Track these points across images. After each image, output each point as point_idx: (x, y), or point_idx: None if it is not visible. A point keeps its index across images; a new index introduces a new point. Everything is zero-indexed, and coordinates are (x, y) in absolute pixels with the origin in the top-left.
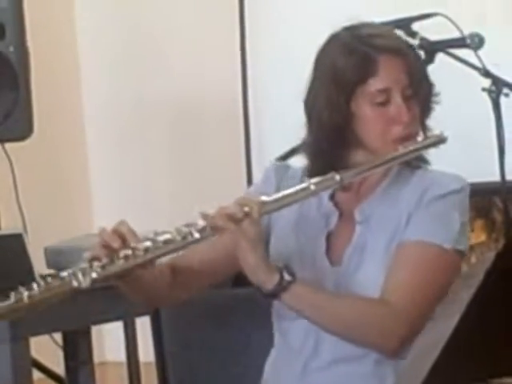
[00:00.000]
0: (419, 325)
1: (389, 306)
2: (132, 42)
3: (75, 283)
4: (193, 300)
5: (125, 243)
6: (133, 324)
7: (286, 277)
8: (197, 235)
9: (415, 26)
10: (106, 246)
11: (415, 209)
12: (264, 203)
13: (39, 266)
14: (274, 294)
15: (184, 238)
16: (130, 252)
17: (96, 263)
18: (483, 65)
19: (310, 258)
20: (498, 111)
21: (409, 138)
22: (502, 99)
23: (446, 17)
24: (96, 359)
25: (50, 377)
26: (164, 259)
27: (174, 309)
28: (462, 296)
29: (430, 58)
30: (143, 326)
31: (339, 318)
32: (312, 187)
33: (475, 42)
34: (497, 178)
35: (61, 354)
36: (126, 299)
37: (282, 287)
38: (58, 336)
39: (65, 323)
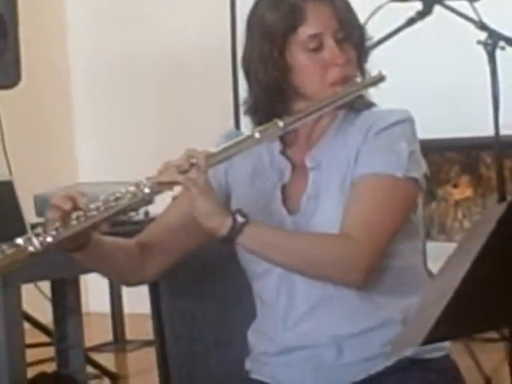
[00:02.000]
0: (381, 254)
1: (350, 239)
2: None
3: (31, 248)
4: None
5: (76, 206)
6: None
7: (239, 219)
8: (147, 190)
9: None
10: (58, 209)
11: (362, 144)
12: (211, 154)
13: (26, 214)
14: (230, 238)
15: (134, 195)
16: (81, 213)
17: (50, 227)
18: (479, 17)
19: (268, 212)
20: (493, 64)
21: (346, 79)
22: (498, 52)
23: None
24: None
25: (37, 327)
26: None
27: None
28: (473, 245)
29: (428, 10)
30: None
31: (300, 255)
32: (257, 135)
33: None
34: (487, 132)
35: (47, 305)
36: None
37: (236, 230)
38: (45, 288)
39: (54, 272)
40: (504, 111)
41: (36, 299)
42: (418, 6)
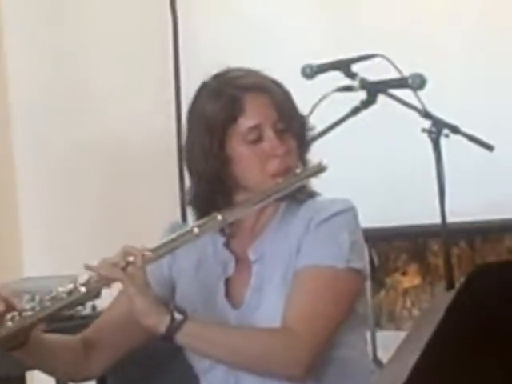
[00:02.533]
0: (324, 346)
1: (291, 334)
2: (61, 86)
3: None
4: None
5: (10, 306)
6: None
7: (177, 316)
8: (83, 289)
9: (355, 68)
10: None
11: (304, 236)
12: (148, 250)
13: None
14: (169, 336)
15: (70, 293)
16: (16, 313)
17: None
18: (423, 106)
19: (212, 305)
20: (438, 152)
21: (287, 171)
22: (443, 140)
23: (386, 58)
24: None
25: None
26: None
27: None
28: (422, 333)
29: (373, 99)
30: None
31: (239, 351)
32: (195, 230)
33: (417, 83)
34: (434, 220)
35: None
36: None
37: (174, 328)
38: None
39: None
40: (450, 198)
41: None
42: (363, 95)
